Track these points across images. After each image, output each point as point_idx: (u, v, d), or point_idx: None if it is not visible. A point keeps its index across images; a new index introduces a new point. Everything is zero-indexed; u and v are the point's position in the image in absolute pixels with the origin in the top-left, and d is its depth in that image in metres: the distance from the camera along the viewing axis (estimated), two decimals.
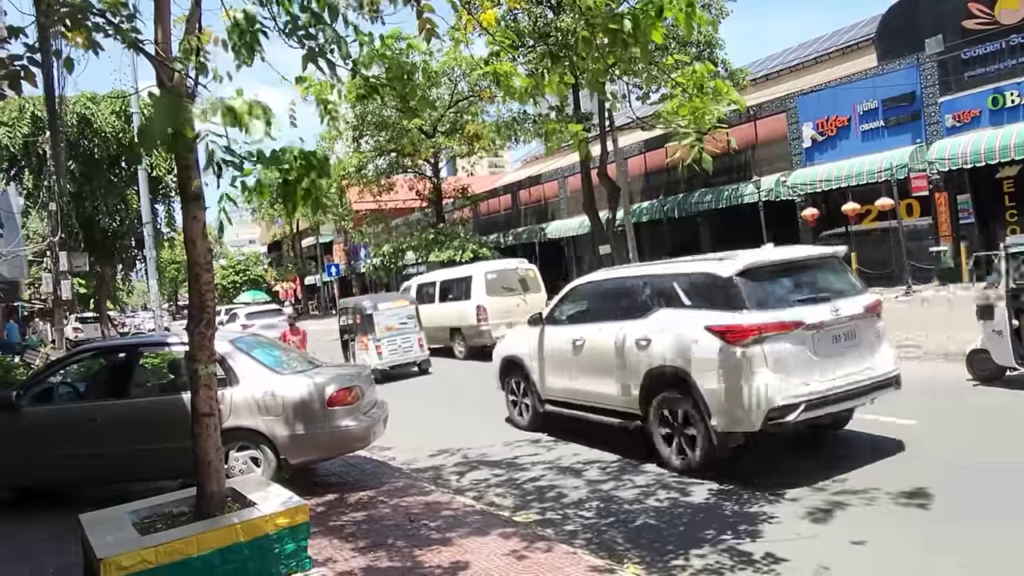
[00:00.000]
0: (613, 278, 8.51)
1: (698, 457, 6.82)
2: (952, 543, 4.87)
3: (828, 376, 6.52)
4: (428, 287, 19.61)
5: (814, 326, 6.49)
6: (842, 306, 6.77)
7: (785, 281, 6.99)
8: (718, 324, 6.56)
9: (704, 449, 6.75)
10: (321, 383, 7.09)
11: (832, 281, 7.18)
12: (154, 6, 4.76)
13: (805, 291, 6.90)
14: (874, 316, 7.10)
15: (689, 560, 5.04)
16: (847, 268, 7.68)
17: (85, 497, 7.12)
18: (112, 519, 4.94)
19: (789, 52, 31.71)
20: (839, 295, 6.93)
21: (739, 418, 6.41)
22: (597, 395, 8.01)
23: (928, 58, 18.81)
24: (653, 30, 4.39)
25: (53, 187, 21.11)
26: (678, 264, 7.89)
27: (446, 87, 30.47)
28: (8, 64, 4.10)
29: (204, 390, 4.88)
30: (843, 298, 6.90)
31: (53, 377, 7.79)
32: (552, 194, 33.66)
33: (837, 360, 6.65)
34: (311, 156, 4.20)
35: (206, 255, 4.94)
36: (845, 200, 19.85)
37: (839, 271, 7.39)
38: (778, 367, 6.34)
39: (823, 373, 6.52)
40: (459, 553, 5.24)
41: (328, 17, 4.48)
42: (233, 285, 63.24)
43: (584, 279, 9.12)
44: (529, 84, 5.18)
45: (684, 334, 6.85)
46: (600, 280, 8.68)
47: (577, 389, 8.36)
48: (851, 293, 7.09)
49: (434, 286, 19.35)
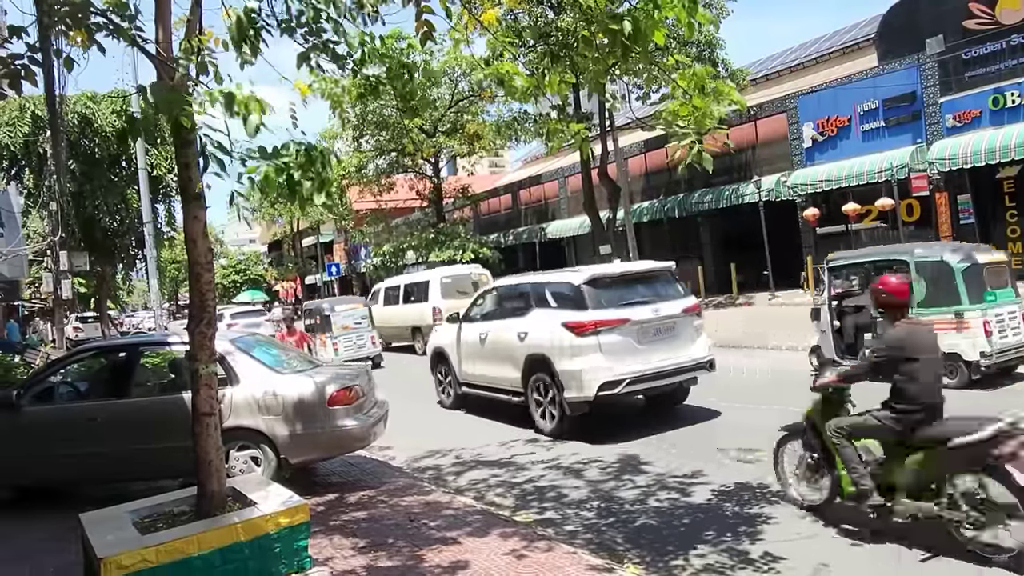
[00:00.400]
0: (508, 285, 10.79)
1: (556, 423, 8.92)
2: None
3: (648, 360, 8.66)
4: (394, 290, 21.44)
5: (638, 322, 8.66)
6: (663, 308, 8.89)
7: (621, 288, 9.09)
8: (569, 320, 8.69)
9: (559, 416, 8.86)
10: (321, 382, 7.09)
11: (660, 289, 9.28)
12: (155, 5, 4.76)
13: (635, 296, 9.00)
14: (692, 316, 9.24)
15: (689, 560, 5.04)
16: (676, 278, 9.70)
17: (85, 496, 7.12)
18: (112, 518, 4.94)
19: (789, 52, 31.71)
20: (663, 299, 9.05)
21: (582, 389, 8.47)
22: (496, 378, 10.05)
23: (929, 58, 18.81)
24: (655, 31, 4.39)
25: (53, 186, 21.12)
26: (549, 275, 10.31)
27: (447, 87, 30.45)
28: (9, 63, 4.10)
29: (205, 389, 4.89)
30: (666, 301, 9.03)
31: (53, 376, 7.79)
32: (552, 194, 33.66)
33: (657, 348, 8.79)
34: (312, 149, 4.20)
35: (207, 254, 4.94)
36: (845, 200, 19.84)
37: (668, 281, 9.47)
38: (608, 352, 8.48)
39: (645, 357, 8.65)
40: (459, 552, 5.25)
41: (334, 12, 4.49)
42: (233, 284, 63.22)
43: (489, 286, 11.46)
44: (530, 84, 5.17)
45: (548, 328, 8.96)
46: (499, 286, 10.96)
47: (483, 374, 10.41)
48: (674, 297, 9.20)
49: (398, 289, 21.20)
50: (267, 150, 4.14)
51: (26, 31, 4.18)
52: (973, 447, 4.49)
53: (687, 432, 8.69)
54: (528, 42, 20.36)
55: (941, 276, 9.55)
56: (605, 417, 9.18)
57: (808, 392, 5.63)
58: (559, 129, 12.52)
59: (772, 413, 7.94)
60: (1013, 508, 4.33)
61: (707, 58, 22.39)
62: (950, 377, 9.19)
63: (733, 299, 22.58)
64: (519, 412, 9.59)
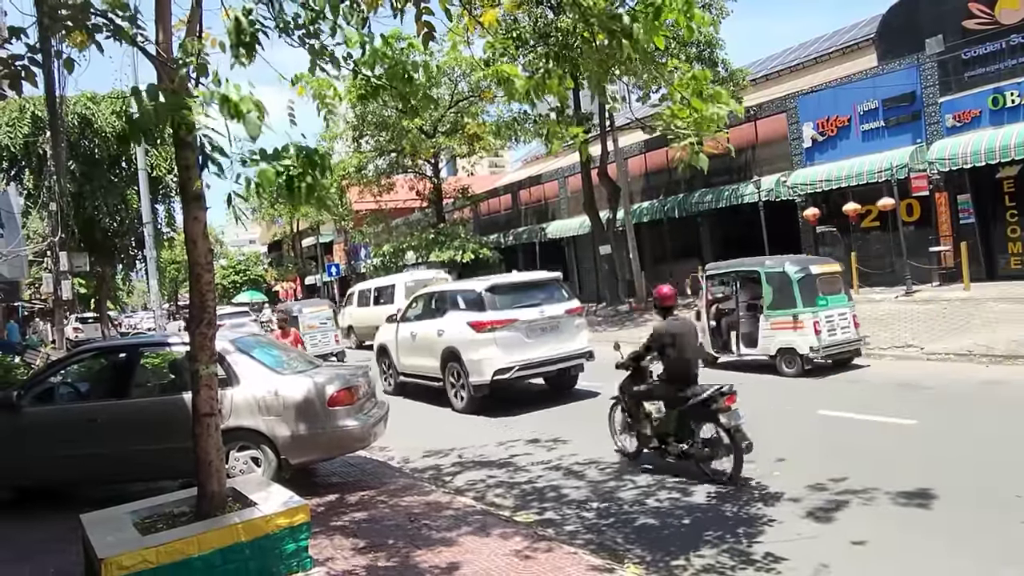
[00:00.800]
0: (431, 291, 13.05)
1: (465, 402, 11.15)
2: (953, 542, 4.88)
3: (535, 351, 10.86)
4: (366, 292, 23.34)
5: (526, 321, 10.86)
6: (548, 310, 11.15)
7: (515, 294, 11.31)
8: (472, 320, 10.89)
9: (467, 397, 11.08)
10: (322, 383, 7.09)
11: (548, 294, 11.52)
12: (155, 6, 4.76)
13: (526, 300, 11.20)
14: (574, 316, 11.47)
15: (690, 560, 5.04)
16: (563, 285, 12.06)
17: (85, 497, 7.13)
18: (113, 519, 4.95)
19: (789, 52, 31.68)
20: (550, 303, 11.29)
21: (481, 375, 10.70)
22: (424, 367, 12.02)
23: (928, 58, 18.79)
24: (654, 35, 4.38)
25: (53, 187, 21.11)
26: (461, 283, 13.04)
27: (446, 87, 30.40)
28: (9, 64, 4.11)
29: (205, 390, 4.89)
30: (552, 304, 11.26)
31: (53, 377, 7.78)
32: (552, 194, 33.64)
33: (543, 342, 10.98)
34: (312, 153, 4.20)
35: (207, 255, 4.94)
36: (845, 200, 19.82)
37: (555, 288, 11.78)
38: (502, 345, 10.65)
39: (532, 349, 10.85)
40: (460, 553, 5.25)
41: (330, 14, 4.49)
42: (233, 285, 63.20)
43: (416, 294, 13.77)
44: (530, 85, 5.17)
45: (458, 326, 11.12)
46: (424, 293, 13.23)
47: (414, 364, 12.50)
48: (560, 301, 11.46)
49: (370, 292, 23.18)
50: (267, 152, 4.14)
51: (26, 32, 4.19)
52: (701, 404, 6.61)
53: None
54: (528, 43, 20.35)
55: (783, 284, 11.61)
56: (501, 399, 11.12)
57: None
58: (558, 131, 12.54)
59: None
60: (727, 447, 6.44)
61: (707, 58, 22.34)
62: (788, 367, 11.56)
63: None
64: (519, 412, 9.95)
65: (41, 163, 22.64)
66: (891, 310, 16.07)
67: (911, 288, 17.42)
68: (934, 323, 14.20)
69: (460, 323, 11.07)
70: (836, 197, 20.68)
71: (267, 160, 4.07)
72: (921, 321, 14.58)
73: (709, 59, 22.35)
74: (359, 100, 5.64)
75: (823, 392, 10.32)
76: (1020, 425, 7.80)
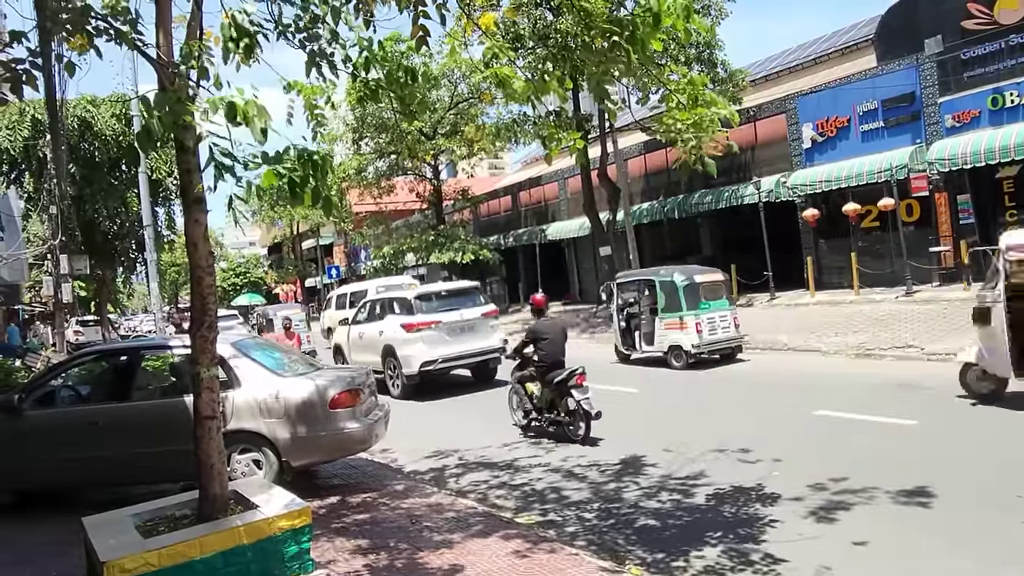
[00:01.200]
0: (374, 298, 15.66)
1: (400, 390, 13.32)
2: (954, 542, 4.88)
3: (455, 347, 13.22)
4: (342, 297, 24.54)
5: (447, 323, 13.24)
6: (467, 313, 13.51)
7: (440, 300, 13.76)
8: (404, 322, 13.30)
9: (401, 385, 13.33)
10: (323, 385, 7.09)
11: (467, 300, 13.93)
12: (155, 10, 4.77)
13: (448, 305, 13.61)
14: (489, 318, 13.85)
15: (690, 561, 5.05)
16: (481, 292, 14.90)
17: (87, 500, 7.14)
18: (115, 522, 4.95)
19: (788, 53, 31.70)
20: (468, 307, 13.66)
21: (411, 367, 13.05)
22: (369, 362, 13.20)
23: (927, 58, 18.80)
24: (652, 39, 4.39)
25: (54, 190, 21.11)
26: (396, 291, 15.67)
27: (446, 89, 30.41)
28: (10, 68, 4.12)
29: (206, 393, 4.89)
30: (470, 308, 13.64)
31: (54, 380, 7.79)
32: (552, 195, 33.65)
33: (462, 340, 13.36)
34: (314, 155, 4.21)
35: (208, 258, 4.94)
36: (845, 201, 19.82)
37: (474, 294, 14.29)
38: (427, 343, 13.04)
39: (452, 346, 13.20)
40: (461, 555, 5.25)
41: (331, 19, 4.49)
42: (233, 287, 63.19)
43: (362, 302, 16.43)
44: (529, 88, 5.18)
45: (394, 327, 13.52)
46: (368, 300, 15.98)
47: (363, 360, 13.90)
48: (477, 305, 13.86)
49: (346, 296, 24.45)
50: (268, 155, 4.15)
51: (27, 36, 4.19)
52: (561, 382, 8.68)
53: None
54: (527, 44, 20.36)
55: (672, 291, 13.91)
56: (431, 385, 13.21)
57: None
58: (556, 134, 12.59)
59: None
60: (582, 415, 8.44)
61: (706, 59, 22.35)
62: (676, 362, 13.76)
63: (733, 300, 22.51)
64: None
65: (41, 166, 22.63)
66: (891, 310, 16.08)
67: (911, 288, 17.42)
68: (934, 323, 14.21)
69: (395, 325, 13.51)
70: (836, 198, 20.68)
71: (269, 163, 4.07)
72: (921, 321, 14.59)
73: (708, 60, 22.36)
74: (358, 102, 5.64)
75: (700, 381, 12.74)
76: (1020, 426, 7.80)
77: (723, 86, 22.10)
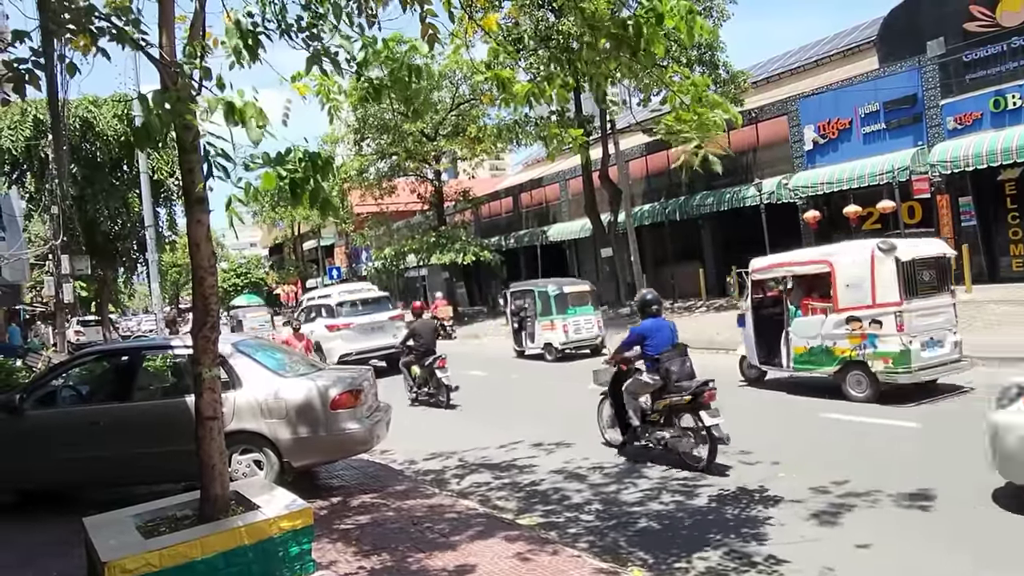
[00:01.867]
0: (310, 304, 19.86)
1: None
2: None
3: (367, 343, 17.31)
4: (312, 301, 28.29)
5: (360, 324, 17.51)
6: (377, 316, 17.83)
7: (356, 305, 18.20)
8: (328, 323, 17.77)
9: None
10: (324, 386, 7.08)
11: (378, 306, 18.38)
12: (158, 10, 4.76)
13: (363, 310, 18.00)
14: (396, 321, 17.80)
15: (692, 563, 5.04)
16: (390, 300, 19.74)
17: (88, 500, 7.13)
18: (116, 522, 4.94)
19: (790, 55, 31.70)
20: (379, 311, 18.06)
21: (332, 358, 16.61)
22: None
23: (929, 60, 18.80)
24: (656, 41, 4.39)
25: (55, 190, 21.12)
26: (325, 299, 19.10)
27: (447, 90, 30.42)
28: (13, 68, 4.11)
29: (208, 393, 4.89)
30: (380, 313, 18.02)
31: (56, 380, 7.78)
32: (553, 197, 33.66)
33: (372, 338, 17.43)
34: (316, 157, 4.20)
35: (210, 259, 4.94)
36: (847, 202, 19.83)
37: (385, 301, 18.83)
38: (344, 339, 17.39)
39: (364, 342, 17.33)
40: (463, 556, 5.24)
41: (333, 17, 4.48)
42: (234, 288, 63.18)
43: (303, 306, 20.50)
44: (530, 90, 5.17)
45: (322, 327, 17.77)
46: (306, 306, 20.06)
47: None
48: (386, 311, 18.28)
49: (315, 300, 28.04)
50: (270, 156, 4.14)
51: (29, 36, 4.18)
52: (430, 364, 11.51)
53: None
54: (529, 45, 20.37)
55: (545, 299, 17.07)
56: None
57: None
58: (557, 134, 12.59)
59: None
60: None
61: (708, 61, 22.34)
62: (549, 356, 16.99)
63: (734, 302, 22.51)
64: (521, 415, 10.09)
65: (43, 166, 22.66)
66: None
67: None
68: None
69: (323, 325, 17.82)
70: (837, 199, 20.69)
71: (270, 164, 4.07)
72: None
73: (710, 62, 22.35)
74: (360, 102, 5.64)
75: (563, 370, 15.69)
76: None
77: (725, 88, 22.09)
